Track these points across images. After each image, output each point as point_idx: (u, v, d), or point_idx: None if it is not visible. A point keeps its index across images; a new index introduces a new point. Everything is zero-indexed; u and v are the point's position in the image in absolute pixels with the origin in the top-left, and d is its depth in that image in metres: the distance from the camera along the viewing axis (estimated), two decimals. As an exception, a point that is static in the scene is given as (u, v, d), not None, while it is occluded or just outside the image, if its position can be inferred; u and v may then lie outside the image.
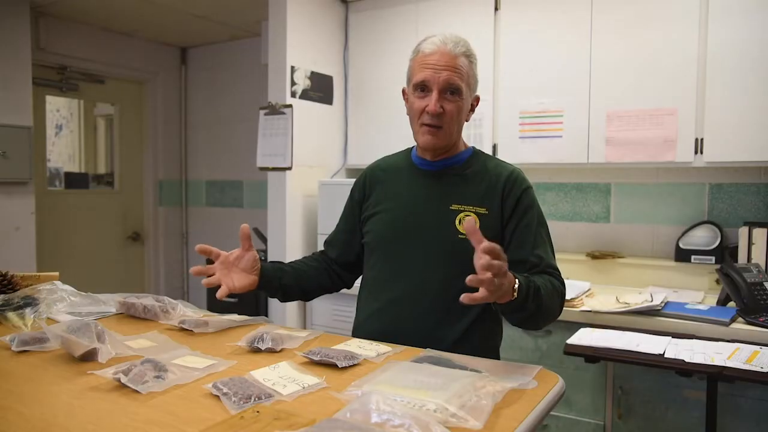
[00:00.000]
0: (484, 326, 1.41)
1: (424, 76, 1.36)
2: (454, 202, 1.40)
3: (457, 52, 1.36)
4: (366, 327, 1.46)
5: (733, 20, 2.21)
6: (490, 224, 1.37)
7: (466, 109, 1.42)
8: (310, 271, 1.57)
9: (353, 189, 1.61)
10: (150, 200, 4.30)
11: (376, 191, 1.53)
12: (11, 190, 3.19)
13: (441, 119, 1.37)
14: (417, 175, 1.48)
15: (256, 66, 3.76)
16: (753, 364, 1.60)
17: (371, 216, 1.51)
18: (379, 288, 1.47)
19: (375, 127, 3.08)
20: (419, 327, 1.37)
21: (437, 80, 1.35)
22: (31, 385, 1.02)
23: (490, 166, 1.45)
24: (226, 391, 0.93)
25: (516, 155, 2.62)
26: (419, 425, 0.77)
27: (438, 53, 1.36)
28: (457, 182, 1.43)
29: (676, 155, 2.33)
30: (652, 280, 2.53)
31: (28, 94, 3.23)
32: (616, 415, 2.08)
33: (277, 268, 1.51)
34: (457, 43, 1.37)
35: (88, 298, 1.63)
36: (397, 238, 1.44)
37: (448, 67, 1.35)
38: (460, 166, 1.46)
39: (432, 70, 1.35)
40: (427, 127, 1.38)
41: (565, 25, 2.54)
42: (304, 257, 1.66)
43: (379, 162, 1.61)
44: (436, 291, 1.38)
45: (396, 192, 1.49)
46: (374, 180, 1.55)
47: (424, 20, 2.89)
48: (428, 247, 1.39)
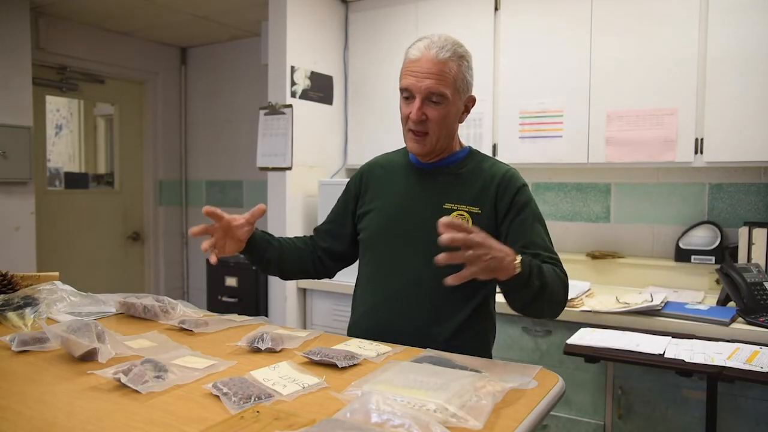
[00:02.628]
0: (476, 325, 1.42)
1: (407, 83, 1.36)
2: (447, 201, 1.41)
3: (442, 58, 1.34)
4: (361, 324, 1.48)
5: (733, 20, 2.21)
6: (482, 224, 1.35)
7: (456, 113, 1.41)
8: (294, 253, 1.58)
9: (349, 183, 1.62)
10: (150, 200, 4.29)
11: (372, 188, 1.54)
12: (11, 190, 3.19)
13: (425, 126, 1.37)
14: (412, 174, 1.49)
15: (256, 66, 3.76)
16: (753, 364, 1.60)
17: (366, 213, 1.52)
18: (372, 286, 1.48)
19: (375, 127, 3.08)
20: (412, 325, 1.38)
21: (419, 88, 1.34)
22: (31, 385, 1.02)
23: (486, 166, 1.46)
24: (226, 391, 0.93)
25: (516, 155, 2.62)
26: (419, 425, 0.77)
27: (422, 60, 1.35)
28: (451, 181, 1.44)
29: (676, 155, 2.33)
30: (652, 280, 2.53)
31: (28, 94, 3.23)
32: (616, 415, 2.08)
33: (265, 239, 1.52)
34: (443, 48, 1.35)
35: (88, 298, 1.64)
36: (391, 236, 1.45)
37: (430, 74, 1.33)
38: (454, 165, 1.46)
39: (415, 77, 1.35)
40: (412, 133, 1.39)
41: (565, 25, 2.54)
42: (296, 237, 1.66)
43: (378, 159, 1.62)
44: (429, 289, 1.38)
45: (391, 190, 1.50)
46: (371, 176, 1.56)
47: (424, 20, 2.89)
48: (420, 246, 1.39)
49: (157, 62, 4.22)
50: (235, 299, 3.11)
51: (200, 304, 3.00)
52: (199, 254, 4.30)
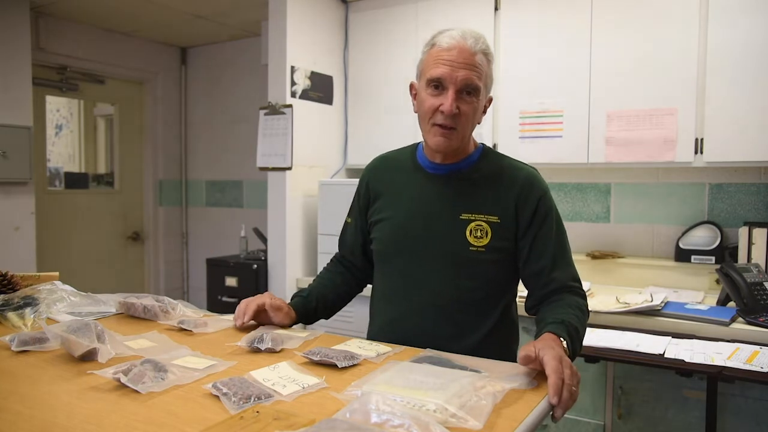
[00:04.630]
0: (499, 335, 1.36)
1: (441, 73, 1.25)
2: (464, 210, 1.32)
3: (477, 49, 1.26)
4: (380, 338, 1.40)
5: (733, 20, 2.21)
6: (502, 233, 1.31)
7: (481, 110, 1.34)
8: (333, 292, 1.54)
9: (359, 189, 1.53)
10: (150, 200, 4.30)
11: (380, 194, 1.45)
12: (11, 190, 3.19)
13: (456, 120, 1.27)
14: (424, 179, 1.39)
15: (256, 66, 3.76)
16: (753, 364, 1.61)
17: (377, 222, 1.44)
18: (390, 299, 1.41)
19: (375, 127, 3.08)
20: (432, 340, 1.29)
21: (455, 79, 1.24)
22: (31, 385, 1.01)
23: (503, 168, 1.37)
24: (226, 392, 0.93)
25: (516, 155, 2.54)
26: (419, 425, 0.77)
27: (457, 49, 1.25)
28: (466, 188, 1.35)
29: (676, 155, 2.33)
30: (652, 280, 2.53)
31: (28, 94, 3.23)
32: (616, 415, 2.08)
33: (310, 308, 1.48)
34: (477, 40, 1.27)
35: (88, 298, 1.63)
36: (406, 249, 1.37)
37: (466, 65, 1.25)
38: (469, 169, 1.36)
39: (449, 67, 1.24)
40: (439, 128, 1.28)
41: (565, 24, 2.54)
42: (326, 272, 1.60)
43: (381, 160, 1.51)
44: (449, 304, 1.33)
45: (401, 197, 1.40)
46: (377, 181, 1.47)
47: (424, 20, 2.89)
48: (439, 259, 1.33)
49: (157, 62, 4.22)
50: (235, 299, 3.11)
51: (200, 304, 3.00)
52: (199, 254, 4.30)
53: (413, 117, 1.43)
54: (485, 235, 1.31)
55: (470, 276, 1.32)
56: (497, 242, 1.31)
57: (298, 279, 2.92)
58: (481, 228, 1.31)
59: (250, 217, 3.95)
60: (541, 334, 1.16)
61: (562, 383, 0.98)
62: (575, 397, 1.01)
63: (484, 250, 1.31)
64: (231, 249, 3.85)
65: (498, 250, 1.31)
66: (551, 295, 1.31)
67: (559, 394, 0.97)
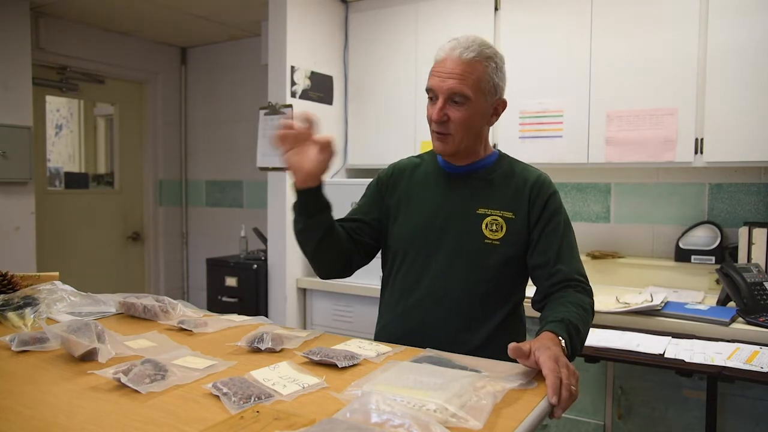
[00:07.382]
0: (508, 331, 1.39)
1: (431, 84, 1.37)
2: (480, 206, 1.40)
3: (466, 58, 1.33)
4: (390, 329, 1.45)
5: (733, 20, 2.21)
6: (516, 229, 1.38)
7: (483, 115, 1.40)
8: (340, 233, 1.42)
9: (380, 179, 1.54)
10: (150, 200, 4.30)
11: (401, 191, 1.49)
12: (11, 190, 3.19)
13: (447, 127, 1.36)
14: (443, 178, 1.47)
15: (256, 66, 3.76)
16: (753, 364, 1.61)
17: (396, 219, 1.48)
18: (403, 291, 1.44)
19: (375, 127, 3.08)
20: (443, 331, 1.37)
21: (441, 88, 1.34)
22: (31, 385, 1.01)
23: (517, 170, 1.46)
24: (226, 391, 0.93)
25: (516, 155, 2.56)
26: (419, 425, 0.77)
27: (447, 60, 1.34)
28: (483, 186, 1.43)
29: (676, 155, 2.33)
30: (652, 280, 2.53)
31: (28, 94, 3.23)
32: (616, 415, 2.08)
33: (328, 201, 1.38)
34: (467, 48, 1.34)
35: (88, 298, 1.63)
36: (423, 243, 1.42)
37: (453, 74, 1.33)
38: (485, 170, 1.45)
39: (439, 77, 1.35)
40: (435, 134, 1.39)
41: (565, 25, 2.54)
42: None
43: (406, 161, 1.56)
44: (461, 295, 1.38)
45: (422, 195, 1.47)
46: (401, 179, 1.51)
47: (424, 20, 2.89)
48: (454, 252, 1.39)
49: (157, 62, 4.21)
50: (235, 299, 3.11)
51: (200, 304, 3.00)
52: (199, 254, 4.30)
53: (413, 117, 1.45)
54: (500, 229, 1.38)
55: (482, 268, 1.38)
56: (511, 237, 1.38)
57: (298, 279, 2.92)
58: (496, 222, 1.38)
59: (250, 217, 3.95)
60: (540, 333, 1.17)
61: (560, 382, 0.99)
62: (575, 395, 1.01)
63: (499, 244, 1.37)
64: (231, 249, 3.85)
65: (512, 244, 1.38)
66: (556, 288, 1.34)
67: (558, 394, 0.97)
